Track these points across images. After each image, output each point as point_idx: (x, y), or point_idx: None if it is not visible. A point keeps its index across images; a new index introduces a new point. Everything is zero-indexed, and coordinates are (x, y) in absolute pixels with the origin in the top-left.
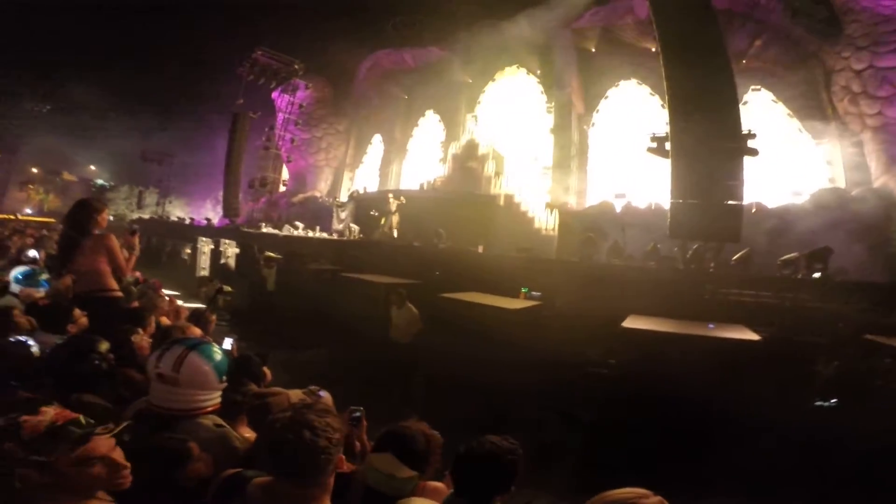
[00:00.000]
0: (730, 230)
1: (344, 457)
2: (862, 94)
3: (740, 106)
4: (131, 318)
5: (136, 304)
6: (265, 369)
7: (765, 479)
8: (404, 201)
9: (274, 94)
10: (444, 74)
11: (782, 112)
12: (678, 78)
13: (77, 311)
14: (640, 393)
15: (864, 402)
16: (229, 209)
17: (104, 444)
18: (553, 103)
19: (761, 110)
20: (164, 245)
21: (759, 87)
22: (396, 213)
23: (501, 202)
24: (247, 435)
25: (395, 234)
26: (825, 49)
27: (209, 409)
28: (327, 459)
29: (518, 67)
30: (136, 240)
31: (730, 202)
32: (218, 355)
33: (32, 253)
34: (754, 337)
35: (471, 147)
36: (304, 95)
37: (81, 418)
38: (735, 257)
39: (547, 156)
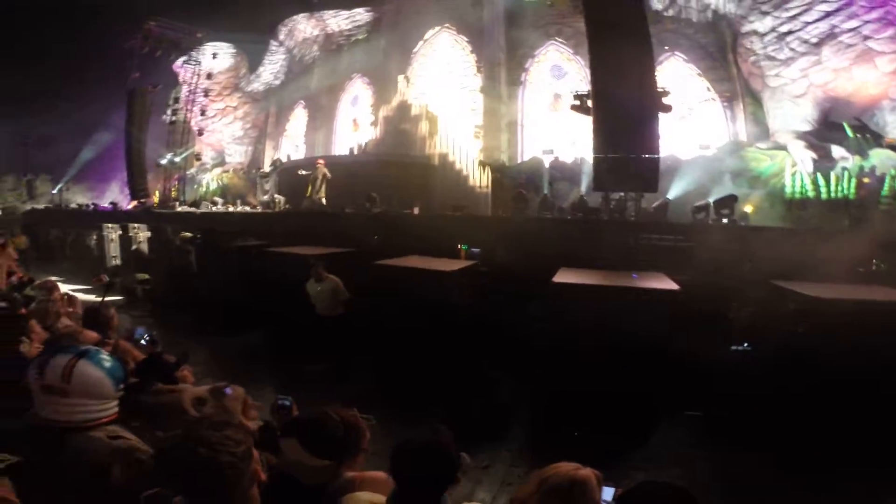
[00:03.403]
0: (648, 181)
1: (260, 467)
2: (763, 56)
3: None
4: (10, 326)
5: (23, 311)
6: (186, 372)
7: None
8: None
9: (175, 66)
10: (371, 37)
11: (693, 72)
12: (601, 41)
13: None
14: (577, 347)
15: (773, 348)
16: (137, 190)
17: None
18: (483, 63)
19: (673, 70)
20: (67, 235)
21: (671, 49)
22: (324, 180)
23: (436, 162)
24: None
25: (324, 202)
26: (734, 13)
27: (105, 419)
28: (235, 474)
29: (448, 27)
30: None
31: (647, 155)
32: (108, 362)
33: None
34: (673, 286)
35: (403, 109)
36: (212, 64)
37: None
38: (654, 205)
39: (478, 115)
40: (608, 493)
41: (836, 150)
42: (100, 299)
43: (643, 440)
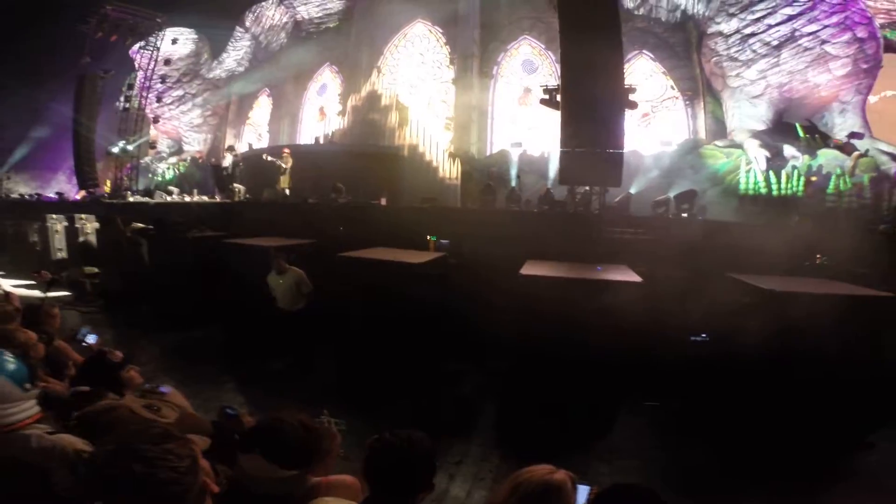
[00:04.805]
0: (612, 176)
1: (209, 480)
2: (726, 56)
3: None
4: None
5: None
6: (133, 372)
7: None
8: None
9: (132, 52)
10: (342, 25)
11: (659, 70)
12: (573, 36)
13: None
14: (544, 339)
15: (728, 339)
16: (86, 180)
17: None
18: (456, 54)
19: (641, 68)
20: (6, 228)
21: (639, 47)
22: (287, 170)
23: (406, 153)
24: None
25: (287, 192)
26: (703, 13)
27: (27, 421)
28: (179, 491)
29: (422, 20)
30: None
31: (612, 150)
32: (10, 364)
33: None
34: (637, 278)
35: (373, 98)
36: (172, 50)
37: None
38: (616, 199)
39: (449, 107)
40: (583, 491)
41: (788, 150)
42: (42, 296)
43: (606, 431)
